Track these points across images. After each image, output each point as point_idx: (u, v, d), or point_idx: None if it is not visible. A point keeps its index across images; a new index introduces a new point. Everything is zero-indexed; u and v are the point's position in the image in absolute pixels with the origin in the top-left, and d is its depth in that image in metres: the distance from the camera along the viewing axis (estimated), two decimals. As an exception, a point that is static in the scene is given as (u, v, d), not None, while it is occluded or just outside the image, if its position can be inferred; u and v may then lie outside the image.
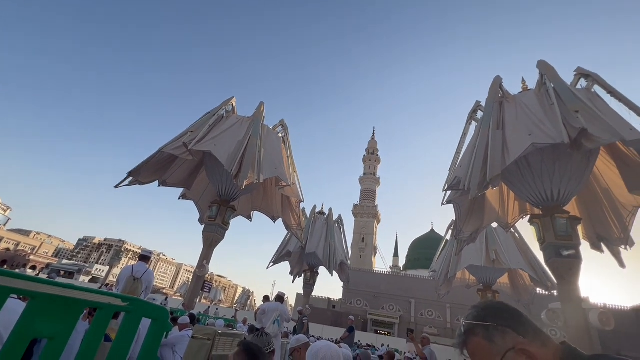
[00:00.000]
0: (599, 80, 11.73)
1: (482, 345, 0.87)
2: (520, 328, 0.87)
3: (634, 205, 12.10)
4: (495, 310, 0.92)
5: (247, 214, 18.89)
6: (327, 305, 46.90)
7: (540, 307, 20.57)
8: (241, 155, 13.50)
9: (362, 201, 65.42)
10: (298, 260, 34.43)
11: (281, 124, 17.38)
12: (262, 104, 16.84)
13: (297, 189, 15.52)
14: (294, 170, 15.93)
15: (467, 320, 0.94)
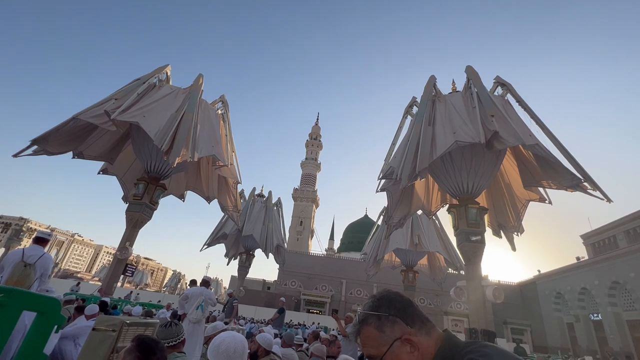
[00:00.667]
0: (511, 90, 13.50)
1: (373, 335, 0.91)
2: (409, 318, 0.92)
3: (527, 198, 14.46)
4: (389, 301, 0.95)
5: (180, 194, 17.63)
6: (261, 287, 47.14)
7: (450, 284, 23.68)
8: (174, 130, 12.36)
9: (303, 185, 66.19)
10: (234, 242, 33.65)
11: (221, 100, 16.31)
12: (200, 76, 15.54)
13: (235, 169, 14.90)
14: (233, 150, 15.21)
15: (362, 310, 0.97)
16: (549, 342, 33.13)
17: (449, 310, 38.09)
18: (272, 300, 32.70)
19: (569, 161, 11.38)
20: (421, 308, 4.34)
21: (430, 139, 12.77)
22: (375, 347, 0.90)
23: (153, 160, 14.31)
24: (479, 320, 12.44)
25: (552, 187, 12.69)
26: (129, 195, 15.26)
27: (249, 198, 33.66)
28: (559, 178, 11.79)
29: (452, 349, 0.86)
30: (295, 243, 59.09)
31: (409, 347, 0.87)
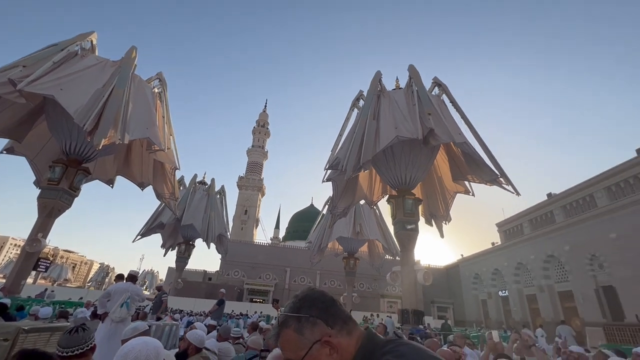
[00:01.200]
0: (446, 91, 14.70)
1: (292, 338, 0.86)
2: (330, 318, 0.88)
3: (454, 190, 16.06)
4: (311, 301, 0.92)
5: (108, 179, 15.80)
6: (202, 278, 45.24)
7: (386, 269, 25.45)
8: (100, 107, 10.93)
9: (248, 173, 64.27)
10: (172, 232, 31.56)
11: (158, 77, 14.84)
12: (133, 48, 13.90)
13: (173, 154, 13.80)
14: (171, 133, 14.04)
15: (282, 312, 0.93)
16: (467, 317, 37.83)
17: (385, 293, 41.01)
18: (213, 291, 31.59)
19: (489, 159, 12.88)
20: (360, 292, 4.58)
21: (374, 132, 13.36)
22: (293, 351, 0.86)
23: (73, 141, 12.55)
24: (410, 301, 13.63)
25: (475, 181, 14.26)
26: (41, 180, 13.27)
27: (189, 185, 31.70)
28: (481, 173, 13.28)
29: (371, 349, 0.85)
30: (240, 232, 57.60)
31: (328, 350, 0.85)
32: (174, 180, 14.67)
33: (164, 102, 14.35)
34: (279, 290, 41.11)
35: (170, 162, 13.47)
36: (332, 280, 42.02)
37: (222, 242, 31.60)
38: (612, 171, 22.17)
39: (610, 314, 20.88)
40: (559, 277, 26.04)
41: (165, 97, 14.53)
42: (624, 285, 19.92)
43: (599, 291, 21.84)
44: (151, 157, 13.53)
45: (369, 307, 36.46)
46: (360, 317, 22.12)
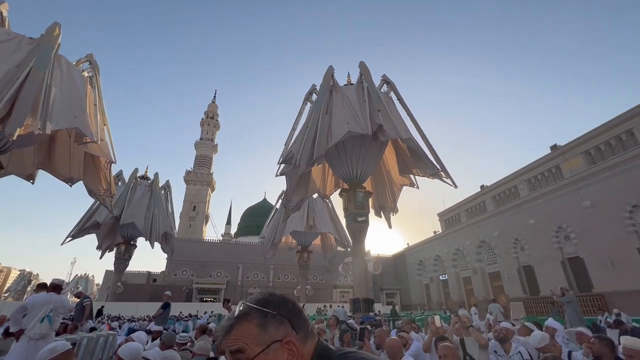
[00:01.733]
0: (394, 89, 15.40)
1: (252, 331, 0.80)
2: (297, 322, 0.85)
3: (401, 183, 17.01)
4: (280, 300, 0.87)
5: (27, 174, 13.73)
6: (146, 280, 42.12)
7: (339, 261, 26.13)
8: (15, 91, 9.42)
9: (197, 167, 60.85)
10: (109, 232, 28.80)
11: (88, 60, 13.20)
12: (56, 25, 12.12)
13: (108, 146, 12.46)
14: (105, 123, 12.62)
15: (247, 302, 0.85)
16: (412, 301, 40.72)
17: (337, 284, 42.24)
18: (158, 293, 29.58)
19: (431, 153, 13.84)
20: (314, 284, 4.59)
21: (327, 127, 13.52)
22: (249, 345, 0.79)
23: (-21, 129, 10.66)
24: (361, 290, 14.21)
25: (419, 175, 15.25)
26: None
27: (129, 181, 29.09)
28: (424, 167, 14.23)
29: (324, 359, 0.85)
30: (188, 230, 54.60)
31: (286, 353, 0.80)
32: (110, 175, 13.24)
33: (96, 88, 12.80)
34: (231, 287, 39.97)
35: (104, 155, 12.11)
36: (285, 275, 42.02)
37: (167, 241, 29.67)
38: (531, 165, 25.32)
39: (529, 290, 24.05)
40: (489, 260, 29.20)
41: (98, 83, 12.98)
42: (539, 264, 23.06)
43: (520, 270, 24.99)
44: (81, 149, 12.05)
45: (322, 299, 37.31)
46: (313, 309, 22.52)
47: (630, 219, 17.71)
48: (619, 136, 19.13)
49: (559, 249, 21.72)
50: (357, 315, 12.80)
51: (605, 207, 18.82)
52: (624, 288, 17.48)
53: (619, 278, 17.85)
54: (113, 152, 12.59)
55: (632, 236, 17.48)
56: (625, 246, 17.68)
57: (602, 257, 18.71)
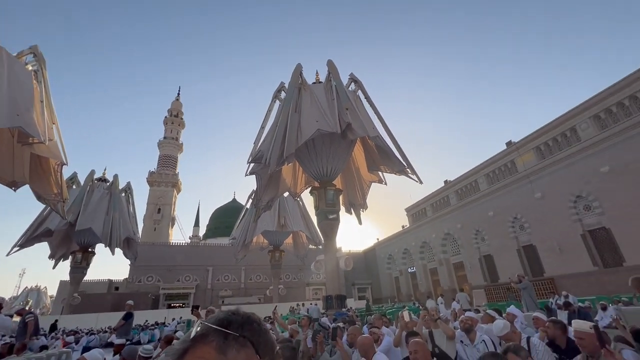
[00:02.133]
0: (361, 87, 15.63)
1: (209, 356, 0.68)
2: (262, 346, 0.75)
3: (370, 180, 17.34)
4: (244, 320, 0.76)
5: (-40, 179, 12.25)
6: (107, 289, 39.50)
7: (311, 258, 26.25)
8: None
9: (161, 168, 57.83)
10: (63, 239, 26.67)
11: (32, 52, 12.00)
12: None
13: (58, 147, 11.44)
14: (54, 121, 11.54)
15: (205, 322, 0.73)
16: (383, 294, 41.92)
17: (310, 282, 42.39)
18: (121, 302, 27.83)
19: (398, 151, 14.24)
20: (286, 283, 4.50)
21: (296, 125, 13.43)
22: None
23: None
24: (334, 287, 14.35)
25: (387, 171, 15.64)
26: None
27: (84, 183, 27.06)
28: (391, 164, 14.62)
29: None
30: (153, 233, 51.91)
31: None
32: (61, 178, 12.15)
33: (43, 83, 11.66)
34: (200, 291, 38.66)
35: (54, 156, 11.08)
36: (257, 275, 41.41)
37: (130, 246, 27.99)
38: (489, 161, 27.00)
39: (490, 277, 25.69)
40: (454, 251, 30.78)
41: (44, 77, 11.83)
42: (498, 253, 24.71)
43: (481, 260, 26.61)
44: (26, 150, 10.96)
45: (295, 297, 37.22)
46: (287, 308, 22.42)
47: (574, 208, 19.48)
48: (564, 133, 20.93)
49: (515, 238, 23.40)
50: (330, 312, 12.92)
51: (554, 198, 20.55)
52: (571, 271, 19.25)
53: (566, 262, 19.61)
54: (64, 153, 11.57)
55: (577, 224, 19.24)
56: (571, 233, 19.44)
57: (552, 244, 20.43)
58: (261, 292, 39.17)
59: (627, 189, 16.75)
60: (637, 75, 17.32)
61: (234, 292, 39.93)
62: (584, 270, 18.59)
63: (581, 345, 2.57)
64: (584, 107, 19.70)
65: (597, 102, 19.08)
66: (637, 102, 17.45)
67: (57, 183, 12.06)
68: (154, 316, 24.49)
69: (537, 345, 3.23)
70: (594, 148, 18.48)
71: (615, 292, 14.79)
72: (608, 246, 17.90)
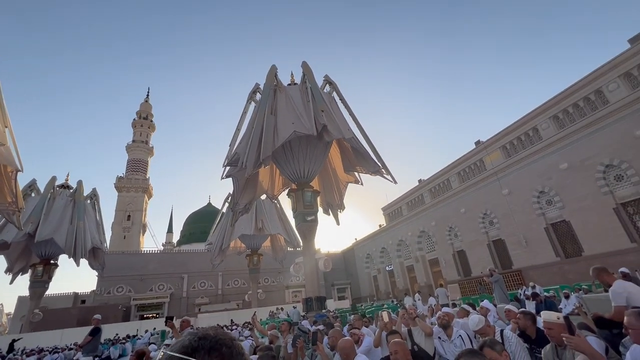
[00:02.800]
0: (336, 89, 15.74)
1: None
2: None
3: (346, 181, 17.47)
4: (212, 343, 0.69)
5: None
6: (73, 302, 37.03)
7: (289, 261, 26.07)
8: None
9: (130, 173, 55.12)
10: (23, 251, 24.82)
11: (-20, 51, 11.08)
12: None
13: (11, 152, 10.59)
14: (6, 124, 10.67)
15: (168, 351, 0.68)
16: (362, 293, 42.42)
17: (290, 284, 42.05)
18: (88, 316, 26.20)
19: (372, 151, 14.47)
20: (265, 287, 4.39)
21: (272, 127, 13.29)
22: None
23: None
24: (313, 289, 14.30)
25: (362, 172, 15.85)
26: None
27: (45, 191, 25.30)
28: (367, 165, 14.84)
29: None
30: (122, 242, 49.42)
31: None
32: (16, 186, 11.25)
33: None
34: (175, 300, 37.23)
35: (7, 162, 10.25)
36: (235, 280, 40.52)
37: (96, 256, 26.49)
38: (460, 160, 28.10)
39: (463, 272, 26.70)
40: (429, 247, 31.72)
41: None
42: (470, 248, 25.75)
43: (455, 255, 27.61)
44: None
45: (275, 301, 36.78)
46: (266, 313, 22.06)
47: (537, 203, 20.69)
48: (527, 132, 22.19)
49: (485, 233, 24.49)
50: (311, 314, 12.85)
51: (519, 193, 21.73)
52: (536, 262, 20.42)
53: (532, 254, 20.79)
54: (19, 159, 10.72)
55: (540, 218, 20.45)
56: (535, 226, 20.63)
57: (518, 237, 21.59)
58: (240, 297, 38.35)
59: (584, 184, 18.04)
60: (590, 77, 18.70)
61: (210, 299, 38.79)
62: (548, 261, 19.78)
63: (550, 335, 2.70)
64: (544, 108, 21.00)
65: (556, 103, 20.40)
66: (590, 103, 18.85)
67: (12, 191, 11.17)
68: (125, 329, 23.24)
69: (509, 337, 3.36)
70: (553, 146, 19.74)
71: (576, 280, 15.88)
72: (569, 238, 19.17)
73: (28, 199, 24.48)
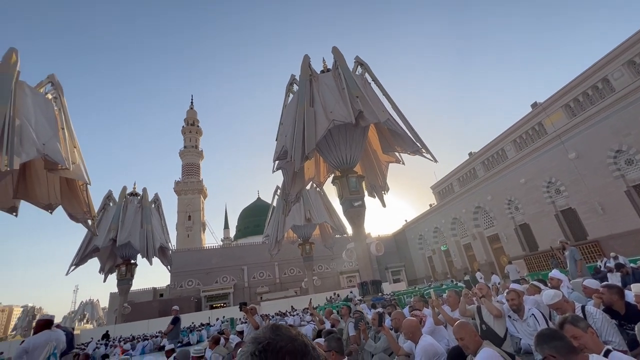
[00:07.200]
0: (368, 70, 15.20)
1: None
2: None
3: (387, 161, 17.01)
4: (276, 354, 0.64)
5: (9, 207, 13.20)
6: (153, 296, 41.82)
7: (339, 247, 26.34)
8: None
9: (185, 177, 59.79)
10: (110, 254, 28.39)
11: (50, 81, 12.60)
12: (13, 51, 11.51)
13: (81, 168, 12.07)
14: (75, 145, 12.14)
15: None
16: (418, 275, 41.56)
17: (343, 270, 42.74)
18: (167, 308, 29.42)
19: (410, 131, 13.85)
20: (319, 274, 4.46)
21: (313, 120, 13.35)
22: None
23: (-51, 172, 10.17)
24: (367, 273, 14.34)
25: (402, 152, 15.33)
26: None
27: (119, 200, 28.53)
28: (405, 145, 14.30)
29: None
30: (186, 240, 54.09)
31: None
32: (87, 197, 12.88)
33: (62, 110, 12.28)
34: (238, 290, 40.04)
35: (79, 177, 11.74)
36: (291, 269, 42.24)
37: (165, 254, 29.39)
38: (515, 126, 25.63)
39: (528, 247, 24.72)
40: (487, 223, 29.82)
41: (63, 103, 12.42)
42: (534, 220, 23.66)
43: (518, 229, 25.61)
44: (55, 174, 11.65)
45: (330, 286, 37.73)
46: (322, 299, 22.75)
47: (615, 164, 18.19)
48: (595, 85, 19.43)
49: (552, 203, 22.28)
50: (367, 298, 12.96)
51: (590, 156, 19.27)
52: (617, 231, 18.11)
53: (611, 222, 18.46)
54: (86, 174, 12.23)
55: (619, 180, 17.99)
56: (613, 191, 18.21)
57: (592, 204, 19.28)
58: (296, 285, 39.99)
59: (674, 136, 15.40)
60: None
61: (270, 287, 41.00)
62: (631, 228, 17.43)
63: (646, 309, 2.39)
64: (616, 54, 18.13)
65: (631, 47, 17.50)
66: (677, 39, 15.85)
67: (85, 202, 12.80)
68: (198, 318, 25.68)
69: (593, 313, 3.04)
70: (631, 96, 17.06)
71: (670, 247, 13.80)
72: (657, 200, 16.65)
73: (108, 208, 27.99)
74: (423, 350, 3.21)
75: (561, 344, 1.83)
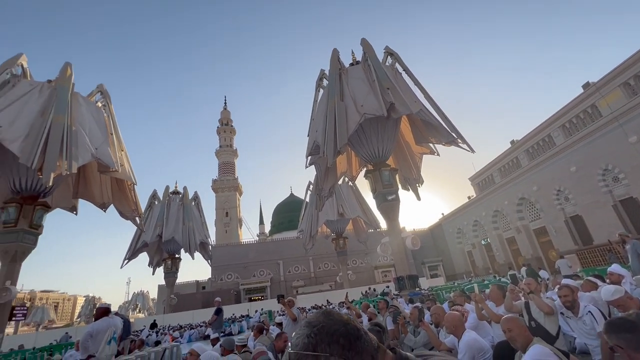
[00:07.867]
0: (398, 59, 14.73)
1: None
2: (356, 357, 0.69)
3: (421, 152, 16.43)
4: (330, 335, 0.69)
5: (70, 206, 14.74)
6: (196, 289, 44.43)
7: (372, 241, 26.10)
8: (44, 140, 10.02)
9: (222, 175, 62.50)
10: (157, 249, 30.64)
11: (100, 91, 13.77)
12: (68, 65, 12.69)
13: (128, 170, 13.15)
14: (122, 148, 13.23)
15: (294, 350, 0.70)
16: (456, 270, 39.99)
17: (378, 264, 42.30)
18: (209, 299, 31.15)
19: (444, 121, 13.24)
20: (354, 268, 4.45)
21: (344, 114, 13.28)
22: None
23: (23, 176, 11.53)
24: (403, 268, 14.07)
25: (436, 143, 14.73)
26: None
27: (163, 198, 30.65)
28: (439, 135, 13.73)
29: None
30: (225, 235, 56.59)
31: None
32: (135, 196, 14.05)
33: (110, 116, 13.46)
34: (275, 284, 41.21)
35: (127, 178, 12.87)
36: (325, 263, 42.64)
37: (205, 249, 31.09)
38: (564, 109, 23.55)
39: (581, 240, 22.76)
40: (532, 216, 27.89)
41: (111, 111, 13.61)
42: (588, 212, 21.68)
43: (568, 222, 23.66)
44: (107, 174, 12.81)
45: (365, 281, 37.55)
46: (358, 294, 22.72)
47: (687, 147, 16.12)
48: (661, 58, 17.26)
49: (609, 192, 20.29)
50: (404, 292, 12.75)
51: (656, 139, 17.23)
52: (690, 222, 16.08)
53: (683, 212, 16.43)
54: (133, 175, 13.35)
55: (692, 165, 15.93)
56: (685, 177, 16.16)
57: (659, 193, 17.27)
58: (331, 279, 40.32)
59: None
60: None
61: (305, 282, 41.74)
62: None
63: None
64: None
65: None
66: None
67: (133, 200, 13.95)
68: (238, 309, 26.86)
69: (664, 312, 2.74)
70: None
71: None
72: None
73: (154, 206, 30.18)
74: (467, 345, 3.10)
75: (632, 337, 1.69)
